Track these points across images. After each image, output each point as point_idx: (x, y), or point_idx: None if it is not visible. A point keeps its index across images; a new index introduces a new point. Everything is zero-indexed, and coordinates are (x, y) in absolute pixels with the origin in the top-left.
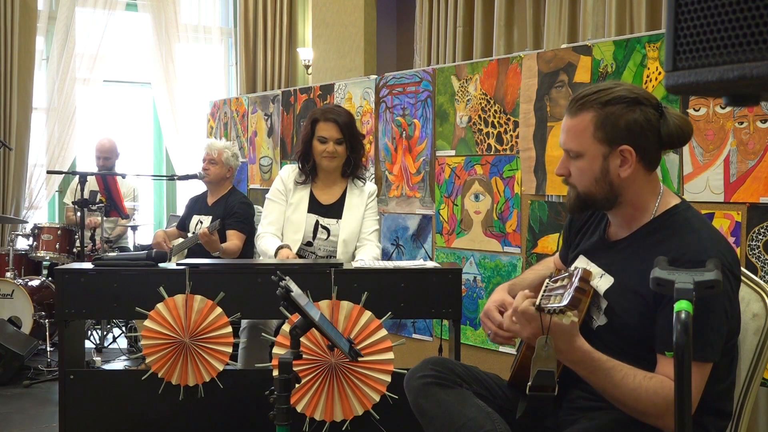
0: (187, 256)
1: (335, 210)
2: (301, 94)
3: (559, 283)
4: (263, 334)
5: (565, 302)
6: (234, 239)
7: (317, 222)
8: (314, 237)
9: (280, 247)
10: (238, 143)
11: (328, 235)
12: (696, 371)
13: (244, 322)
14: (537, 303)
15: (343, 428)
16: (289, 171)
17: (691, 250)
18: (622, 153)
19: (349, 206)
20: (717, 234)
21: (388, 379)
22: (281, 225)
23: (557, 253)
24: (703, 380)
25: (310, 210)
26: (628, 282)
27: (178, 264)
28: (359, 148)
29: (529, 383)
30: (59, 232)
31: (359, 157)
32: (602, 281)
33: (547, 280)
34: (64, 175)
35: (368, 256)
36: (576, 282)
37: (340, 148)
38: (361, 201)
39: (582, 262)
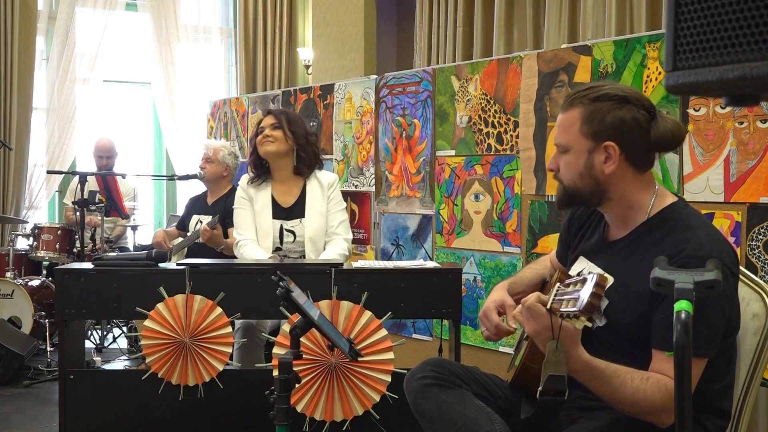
0: (187, 256)
1: (297, 210)
2: (301, 94)
3: (571, 288)
4: (263, 333)
5: (579, 307)
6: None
7: (281, 227)
8: (281, 242)
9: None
10: (238, 143)
11: (295, 237)
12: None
13: (237, 323)
14: (549, 305)
15: (343, 428)
16: (245, 180)
17: (688, 248)
18: (606, 149)
19: (311, 203)
20: (714, 231)
21: (388, 379)
22: (254, 229)
23: (554, 252)
24: (697, 376)
25: (275, 216)
26: (627, 281)
27: (178, 264)
28: (304, 142)
29: (540, 388)
30: (59, 232)
31: (309, 152)
32: None
33: (558, 284)
34: (64, 175)
35: (333, 255)
36: (592, 288)
37: (275, 132)
38: (321, 194)
39: (582, 263)
